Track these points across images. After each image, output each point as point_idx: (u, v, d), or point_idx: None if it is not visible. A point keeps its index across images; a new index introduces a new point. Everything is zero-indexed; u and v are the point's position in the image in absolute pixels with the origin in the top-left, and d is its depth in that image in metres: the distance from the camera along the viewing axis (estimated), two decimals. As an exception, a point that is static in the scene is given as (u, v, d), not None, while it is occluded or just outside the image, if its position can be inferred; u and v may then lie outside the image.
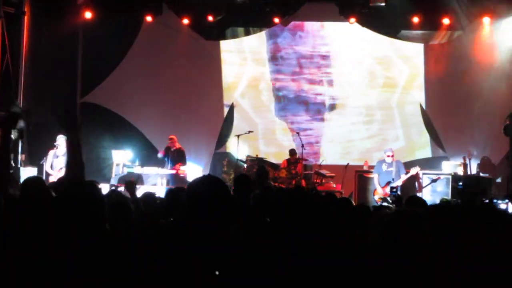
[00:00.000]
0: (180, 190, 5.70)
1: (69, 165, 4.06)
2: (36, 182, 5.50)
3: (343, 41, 16.00)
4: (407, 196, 8.05)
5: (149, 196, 7.10)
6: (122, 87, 15.69)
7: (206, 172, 14.47)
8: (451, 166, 14.47)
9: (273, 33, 16.15)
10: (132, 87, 15.66)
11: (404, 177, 12.75)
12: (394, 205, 9.27)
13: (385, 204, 10.71)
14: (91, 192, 3.19)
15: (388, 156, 12.95)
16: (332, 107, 16.14)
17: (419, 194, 12.44)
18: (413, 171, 12.87)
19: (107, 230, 3.09)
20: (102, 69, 15.73)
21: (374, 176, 13.15)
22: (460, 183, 13.17)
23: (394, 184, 12.42)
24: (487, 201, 11.34)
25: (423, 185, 13.35)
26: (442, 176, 13.54)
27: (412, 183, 13.35)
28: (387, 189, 12.59)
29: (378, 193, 12.89)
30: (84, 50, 15.63)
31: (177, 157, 14.04)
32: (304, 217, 4.01)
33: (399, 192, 11.59)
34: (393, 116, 16.04)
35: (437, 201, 10.93)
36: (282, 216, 4.23)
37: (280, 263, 3.16)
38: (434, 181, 13.29)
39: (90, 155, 14.29)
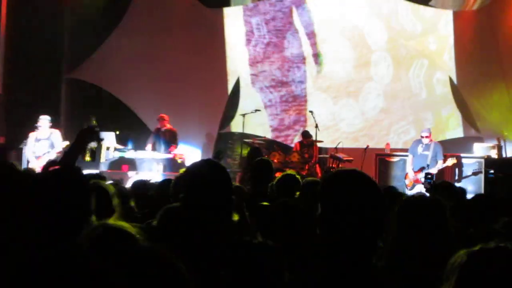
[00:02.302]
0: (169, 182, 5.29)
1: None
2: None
3: (359, 13, 15.41)
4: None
5: (140, 187, 6.46)
6: (112, 61, 15.08)
7: (208, 156, 14.04)
8: (483, 149, 13.84)
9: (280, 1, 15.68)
10: (123, 62, 15.02)
11: (440, 164, 11.98)
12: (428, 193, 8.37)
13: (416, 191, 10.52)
14: (76, 179, 2.96)
15: (424, 137, 12.12)
16: (349, 85, 15.50)
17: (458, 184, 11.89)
18: (449, 162, 12.08)
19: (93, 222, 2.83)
20: (90, 42, 15.18)
21: (408, 158, 12.48)
22: (491, 171, 12.32)
23: (429, 171, 11.61)
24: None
25: (463, 174, 12.71)
26: (474, 160, 12.87)
27: (451, 170, 12.65)
28: (419, 175, 11.89)
29: (409, 177, 12.24)
30: (71, 22, 15.14)
31: (169, 138, 13.40)
32: None
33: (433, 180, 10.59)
34: (421, 93, 15.49)
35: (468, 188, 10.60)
36: None
37: None
38: (475, 174, 12.56)
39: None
